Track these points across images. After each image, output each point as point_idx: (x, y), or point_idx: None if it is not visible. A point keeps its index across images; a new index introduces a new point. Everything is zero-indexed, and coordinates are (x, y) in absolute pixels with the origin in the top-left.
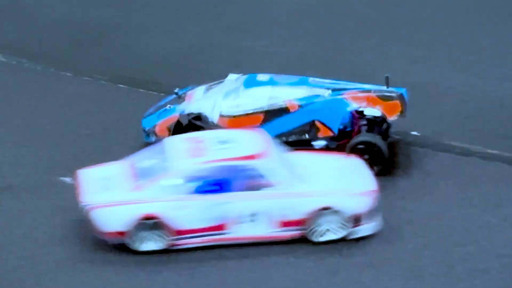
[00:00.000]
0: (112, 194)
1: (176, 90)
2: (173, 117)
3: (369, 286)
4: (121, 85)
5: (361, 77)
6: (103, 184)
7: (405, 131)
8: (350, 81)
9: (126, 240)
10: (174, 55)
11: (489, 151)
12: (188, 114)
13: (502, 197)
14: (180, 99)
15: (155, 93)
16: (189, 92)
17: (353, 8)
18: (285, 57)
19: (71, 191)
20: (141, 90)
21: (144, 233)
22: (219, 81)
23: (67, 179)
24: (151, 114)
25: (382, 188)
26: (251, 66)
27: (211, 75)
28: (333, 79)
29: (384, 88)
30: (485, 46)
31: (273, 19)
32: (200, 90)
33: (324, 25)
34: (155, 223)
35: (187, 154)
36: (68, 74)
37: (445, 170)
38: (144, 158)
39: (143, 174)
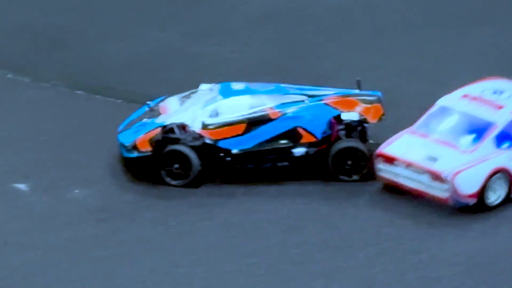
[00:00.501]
0: (456, 158)
1: (148, 103)
2: (154, 130)
3: None
4: (79, 91)
5: (320, 83)
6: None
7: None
8: (322, 86)
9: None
10: (134, 61)
11: None
12: (170, 128)
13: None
14: (152, 111)
15: (112, 99)
16: (161, 104)
17: (313, 16)
18: (245, 63)
19: (25, 198)
20: (99, 96)
21: (495, 187)
22: (191, 91)
23: (21, 186)
24: (126, 129)
25: (333, 194)
26: (212, 72)
27: (172, 82)
28: (308, 85)
29: (359, 91)
30: (442, 54)
31: (234, 25)
32: (173, 101)
33: (283, 32)
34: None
35: (489, 107)
36: (26, 80)
37: None
38: (430, 124)
39: (453, 134)
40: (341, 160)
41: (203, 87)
